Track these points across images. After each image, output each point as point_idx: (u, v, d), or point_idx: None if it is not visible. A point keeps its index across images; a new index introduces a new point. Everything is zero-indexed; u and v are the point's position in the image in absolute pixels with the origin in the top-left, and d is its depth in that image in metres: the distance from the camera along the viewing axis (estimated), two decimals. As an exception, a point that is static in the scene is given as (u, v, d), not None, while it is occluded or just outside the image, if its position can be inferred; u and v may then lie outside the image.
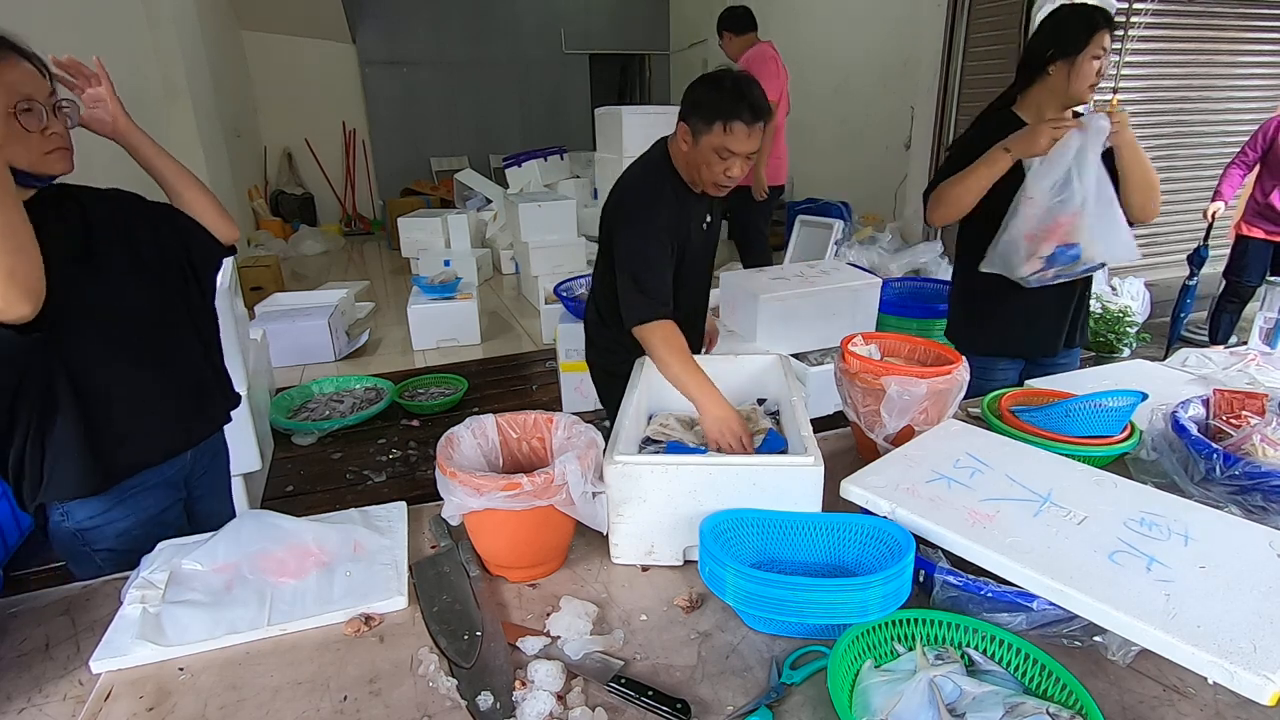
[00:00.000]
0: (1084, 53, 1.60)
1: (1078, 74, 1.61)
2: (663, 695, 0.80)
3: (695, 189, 1.61)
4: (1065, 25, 1.64)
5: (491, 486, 0.92)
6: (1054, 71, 1.65)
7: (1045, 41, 1.67)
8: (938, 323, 3.47)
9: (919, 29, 4.97)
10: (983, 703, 0.74)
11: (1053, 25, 1.68)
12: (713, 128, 1.44)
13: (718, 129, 1.43)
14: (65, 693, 0.86)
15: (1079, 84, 1.62)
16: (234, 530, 1.07)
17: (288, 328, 4.09)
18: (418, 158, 8.68)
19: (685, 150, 1.52)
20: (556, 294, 3.67)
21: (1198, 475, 1.14)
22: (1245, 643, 0.71)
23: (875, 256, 4.85)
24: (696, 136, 1.48)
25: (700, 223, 1.68)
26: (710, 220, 1.72)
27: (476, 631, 0.92)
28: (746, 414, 1.36)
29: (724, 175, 1.49)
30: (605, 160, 4.70)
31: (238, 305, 2.51)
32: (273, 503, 2.73)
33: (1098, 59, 1.61)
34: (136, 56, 4.81)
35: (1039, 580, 0.82)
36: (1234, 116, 5.03)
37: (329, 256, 7.30)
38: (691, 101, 1.48)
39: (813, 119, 6.58)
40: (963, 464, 1.08)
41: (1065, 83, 1.64)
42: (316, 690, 0.84)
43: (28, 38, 1.11)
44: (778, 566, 0.98)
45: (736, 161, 1.47)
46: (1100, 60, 1.62)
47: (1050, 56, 1.65)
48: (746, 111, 1.42)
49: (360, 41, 8.15)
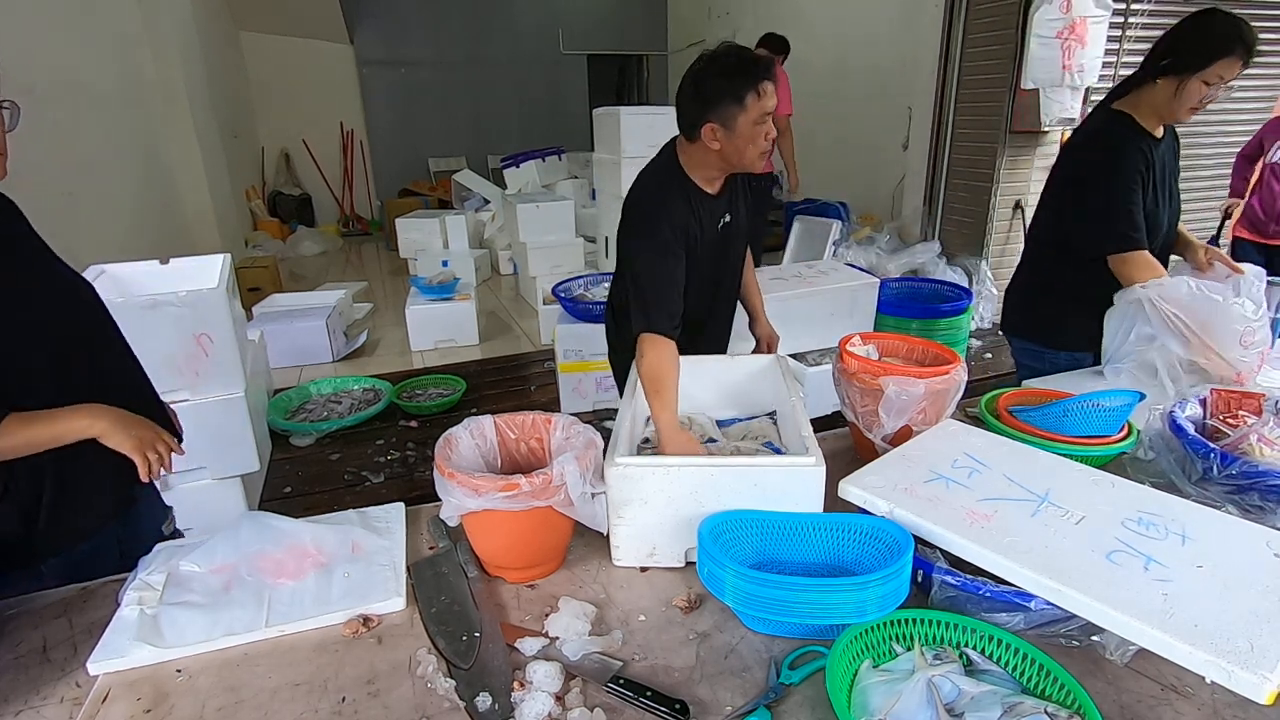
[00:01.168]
0: (1198, 74, 1.45)
1: (1187, 95, 1.47)
2: (661, 696, 0.80)
3: (709, 188, 1.60)
4: (1194, 37, 1.48)
5: (490, 487, 0.92)
6: (1161, 84, 1.52)
7: (1168, 46, 1.52)
8: (937, 323, 3.48)
9: (917, 30, 4.97)
10: (981, 702, 0.74)
11: (1185, 30, 1.52)
12: (746, 102, 1.43)
13: (751, 101, 1.43)
14: (63, 695, 0.86)
15: (1181, 106, 1.50)
16: (232, 531, 1.06)
17: (286, 328, 4.08)
18: (416, 158, 8.67)
19: (719, 147, 1.50)
20: (555, 294, 3.67)
21: (1195, 475, 1.14)
22: (1242, 642, 0.71)
23: (873, 257, 4.86)
24: (732, 122, 1.45)
25: (716, 222, 1.65)
26: (729, 219, 1.68)
27: (475, 632, 0.92)
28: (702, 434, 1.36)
29: (766, 140, 1.49)
30: (603, 161, 4.70)
31: (235, 306, 2.51)
32: (271, 504, 2.72)
33: (1210, 85, 1.46)
34: (133, 58, 4.80)
35: (1037, 580, 0.83)
36: (1232, 116, 5.04)
37: (327, 257, 7.29)
38: (705, 98, 1.46)
39: (811, 119, 6.58)
40: (961, 464, 1.08)
41: (1169, 99, 1.51)
42: (315, 691, 0.84)
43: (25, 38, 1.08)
44: (776, 567, 0.98)
45: (769, 122, 1.47)
46: (1213, 89, 1.46)
47: (1163, 68, 1.51)
48: (763, 72, 1.43)
49: (358, 42, 8.15)
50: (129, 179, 4.57)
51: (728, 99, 1.43)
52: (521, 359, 4.24)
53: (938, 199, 5.01)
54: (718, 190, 1.62)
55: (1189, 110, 1.53)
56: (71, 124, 3.70)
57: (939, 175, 4.95)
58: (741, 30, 7.15)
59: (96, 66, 4.21)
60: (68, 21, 3.77)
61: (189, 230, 5.34)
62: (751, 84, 1.42)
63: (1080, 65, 3.87)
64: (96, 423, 1.07)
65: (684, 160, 1.58)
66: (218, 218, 5.63)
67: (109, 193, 4.15)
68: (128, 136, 4.63)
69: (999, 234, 4.67)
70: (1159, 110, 1.58)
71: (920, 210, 5.13)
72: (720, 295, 1.79)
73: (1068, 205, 1.76)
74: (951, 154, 4.85)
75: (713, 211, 1.62)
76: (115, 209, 4.21)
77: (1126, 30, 4.21)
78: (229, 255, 2.53)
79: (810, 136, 6.54)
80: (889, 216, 5.61)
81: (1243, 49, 1.45)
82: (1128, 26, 4.20)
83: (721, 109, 1.44)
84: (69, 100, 3.68)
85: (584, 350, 3.32)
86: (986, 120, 4.51)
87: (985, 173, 4.56)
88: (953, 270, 4.61)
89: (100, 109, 4.11)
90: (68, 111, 3.65)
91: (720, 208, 1.65)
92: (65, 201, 3.46)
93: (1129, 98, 1.67)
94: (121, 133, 4.51)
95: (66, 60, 3.70)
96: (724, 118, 1.45)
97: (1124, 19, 4.15)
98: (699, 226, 1.59)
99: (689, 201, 1.57)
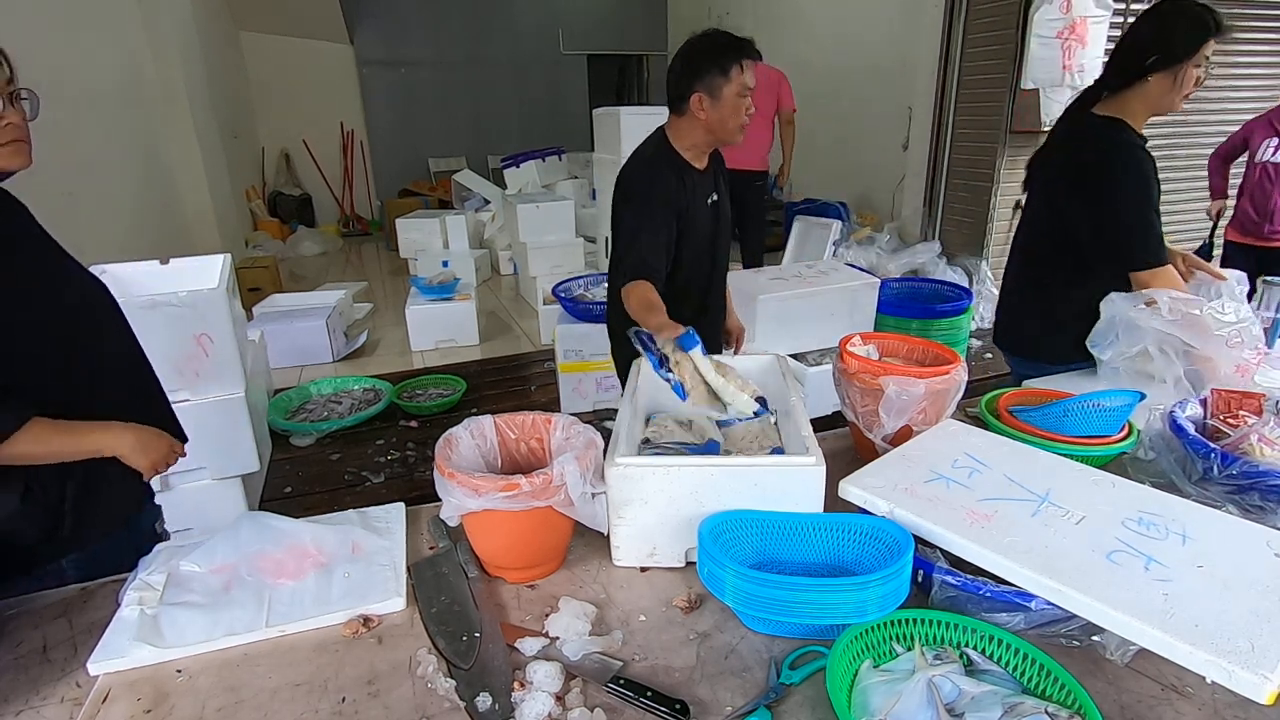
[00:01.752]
0: (1189, 61, 1.47)
1: (1184, 83, 1.48)
2: (661, 696, 0.80)
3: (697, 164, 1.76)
4: (1173, 28, 1.50)
5: (490, 487, 0.92)
6: (1154, 81, 1.52)
7: (1148, 45, 1.53)
8: (937, 323, 3.47)
9: (917, 30, 4.97)
10: (981, 702, 0.74)
11: (1159, 26, 1.53)
12: (730, 74, 1.61)
13: (735, 73, 1.61)
14: (63, 695, 0.85)
15: (1178, 95, 1.50)
16: (232, 532, 1.06)
17: (286, 329, 4.09)
18: (416, 158, 8.68)
19: (705, 117, 1.66)
20: (555, 294, 3.67)
21: (1195, 475, 1.14)
22: (1243, 641, 0.71)
23: (873, 257, 4.86)
24: (717, 93, 1.63)
25: (705, 198, 1.79)
26: (716, 198, 1.83)
27: (475, 632, 0.92)
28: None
29: (746, 115, 1.67)
30: (603, 161, 4.70)
31: (236, 306, 2.51)
32: (271, 504, 2.72)
33: (1198, 67, 1.48)
34: (133, 58, 4.81)
35: (1037, 580, 0.82)
36: (1231, 116, 5.03)
37: (327, 257, 7.29)
38: (693, 71, 1.64)
39: (811, 119, 6.58)
40: (961, 464, 1.08)
41: (1167, 91, 1.51)
42: (315, 692, 0.84)
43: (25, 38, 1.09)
44: (777, 567, 0.98)
45: (750, 96, 1.65)
46: (1202, 69, 1.49)
47: (1152, 65, 1.51)
48: (747, 47, 1.63)
49: (358, 42, 8.15)
50: (129, 179, 4.58)
51: (714, 70, 1.61)
52: (522, 359, 4.24)
53: (938, 199, 5.01)
54: (704, 166, 1.79)
55: (1184, 97, 1.54)
56: (71, 124, 3.70)
57: (939, 175, 4.96)
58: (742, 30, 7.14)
59: (96, 66, 4.21)
60: (68, 21, 3.77)
61: (189, 230, 5.34)
62: (735, 58, 1.60)
63: (1080, 65, 3.87)
64: (119, 444, 1.13)
65: (672, 136, 1.75)
66: (218, 218, 5.63)
67: (109, 193, 4.15)
68: (128, 136, 4.63)
69: (999, 234, 4.67)
70: (1154, 106, 1.58)
71: (920, 210, 5.13)
72: (716, 276, 1.92)
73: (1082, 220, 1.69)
74: (952, 154, 4.85)
75: (701, 186, 1.78)
76: (115, 209, 4.21)
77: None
78: (229, 255, 2.52)
79: (810, 136, 6.53)
80: (889, 216, 5.62)
81: (1217, 26, 1.48)
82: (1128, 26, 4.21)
83: (708, 79, 1.62)
84: (69, 100, 3.67)
85: (584, 350, 3.32)
86: (987, 120, 4.51)
87: (985, 173, 4.57)
88: (953, 270, 4.62)
89: (100, 109, 4.11)
90: (68, 111, 3.65)
91: (707, 184, 1.81)
92: (65, 201, 3.46)
93: (1113, 102, 1.65)
94: (121, 133, 4.51)
95: (66, 60, 3.70)
96: (710, 88, 1.63)
97: (1124, 19, 4.15)
98: (689, 198, 1.73)
99: (678, 173, 1.73)
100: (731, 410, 1.22)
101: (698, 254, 1.80)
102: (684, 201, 1.72)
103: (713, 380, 1.21)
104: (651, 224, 1.67)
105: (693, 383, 1.22)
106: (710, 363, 1.23)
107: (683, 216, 1.72)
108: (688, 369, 1.23)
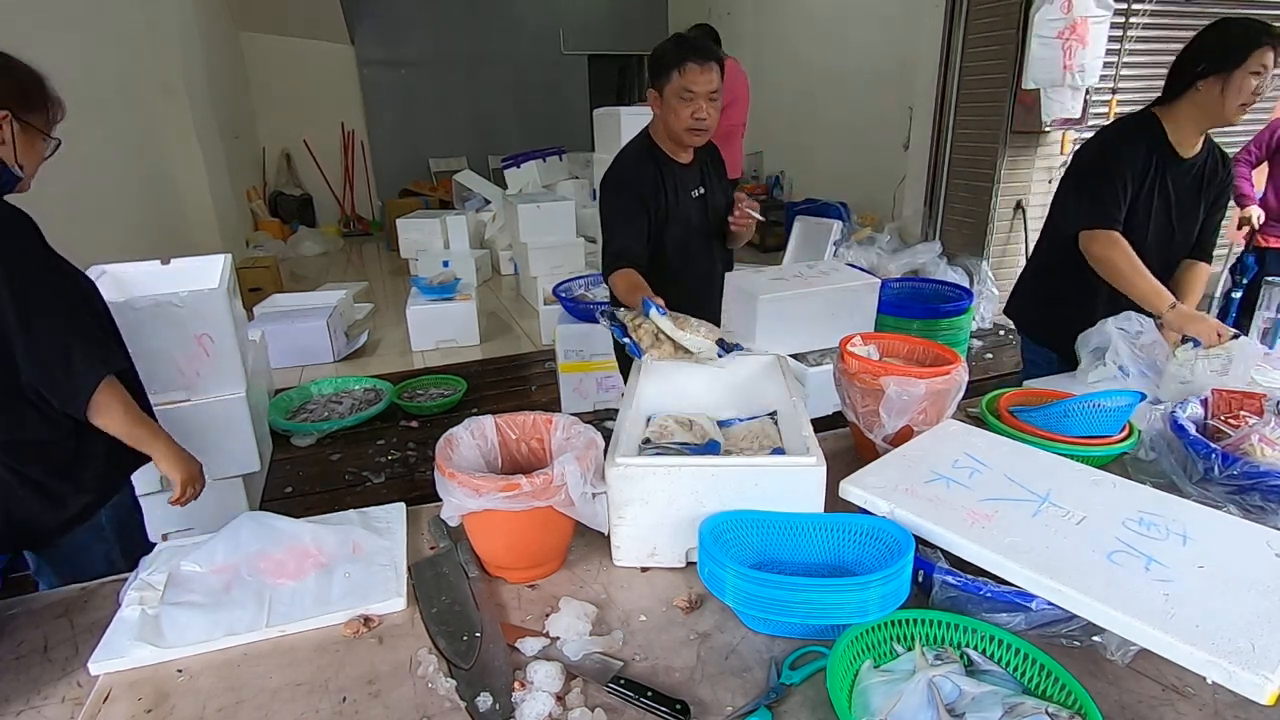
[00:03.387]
0: (1241, 68, 1.49)
1: (1239, 91, 1.50)
2: (662, 696, 0.80)
3: (678, 157, 1.82)
4: (1224, 37, 1.53)
5: (490, 487, 0.92)
6: (1204, 87, 1.55)
7: (1198, 54, 1.56)
8: (938, 323, 3.47)
9: (917, 30, 4.97)
10: (982, 703, 0.74)
11: (1211, 36, 1.57)
12: (670, 76, 1.66)
13: (675, 75, 1.65)
14: (64, 694, 0.86)
15: (1231, 102, 1.52)
16: (233, 532, 1.07)
17: (286, 329, 4.08)
18: (416, 158, 8.67)
19: (659, 113, 1.74)
20: (555, 295, 3.67)
21: (1196, 475, 1.14)
22: (1244, 642, 0.71)
23: (874, 257, 4.85)
24: (662, 91, 1.70)
25: (689, 191, 1.85)
26: (703, 191, 1.88)
27: (475, 632, 0.92)
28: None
29: (692, 119, 1.69)
30: (603, 161, 4.69)
31: (236, 306, 2.51)
32: (271, 504, 2.72)
33: (1256, 76, 1.50)
34: (134, 57, 4.80)
35: (1038, 580, 0.82)
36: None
37: (328, 257, 7.29)
38: (652, 70, 1.73)
39: (811, 119, 6.59)
40: (961, 464, 1.08)
41: (1217, 100, 1.53)
42: (315, 692, 0.84)
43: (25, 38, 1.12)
44: (777, 567, 0.98)
45: (699, 102, 1.67)
46: (1259, 79, 1.50)
47: (1201, 71, 1.54)
48: (692, 53, 1.64)
49: (359, 42, 8.15)
50: (129, 179, 4.57)
51: (660, 67, 1.69)
52: (522, 359, 4.24)
53: (939, 199, 5.00)
54: (689, 161, 1.85)
55: (1239, 107, 1.54)
56: (71, 124, 3.69)
57: (940, 175, 4.95)
58: (742, 30, 7.15)
59: (96, 66, 4.21)
60: (68, 21, 3.77)
61: (189, 230, 5.34)
62: (679, 60, 1.64)
63: (1081, 65, 3.86)
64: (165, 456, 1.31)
65: (652, 130, 1.84)
66: (218, 218, 5.63)
67: (109, 193, 4.15)
68: (128, 136, 4.62)
69: (1000, 234, 4.66)
70: (1206, 114, 1.58)
71: (921, 210, 5.13)
72: (712, 268, 2.01)
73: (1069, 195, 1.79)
74: (952, 154, 4.85)
75: (684, 179, 1.84)
76: (115, 209, 4.21)
77: (1127, 30, 4.21)
78: (230, 255, 2.53)
79: (810, 136, 6.55)
80: (890, 217, 5.61)
81: (1269, 38, 1.49)
82: (1128, 27, 4.20)
83: (656, 77, 1.71)
84: (69, 100, 3.67)
85: (584, 350, 3.31)
86: (987, 120, 4.50)
87: (986, 173, 4.56)
88: (954, 270, 4.61)
89: (100, 109, 4.10)
90: (68, 111, 3.65)
91: (692, 177, 1.86)
92: (65, 202, 3.46)
93: (1163, 110, 1.66)
94: (122, 133, 4.50)
95: (66, 60, 3.70)
96: (659, 85, 1.71)
97: (1125, 19, 4.15)
98: (669, 188, 1.80)
99: (658, 166, 1.79)
100: (701, 356, 1.32)
101: (685, 244, 1.86)
102: (660, 190, 1.78)
103: (674, 334, 1.31)
104: (625, 212, 1.76)
105: (652, 341, 1.33)
106: (669, 321, 1.32)
107: (661, 205, 1.78)
108: (648, 330, 1.34)
